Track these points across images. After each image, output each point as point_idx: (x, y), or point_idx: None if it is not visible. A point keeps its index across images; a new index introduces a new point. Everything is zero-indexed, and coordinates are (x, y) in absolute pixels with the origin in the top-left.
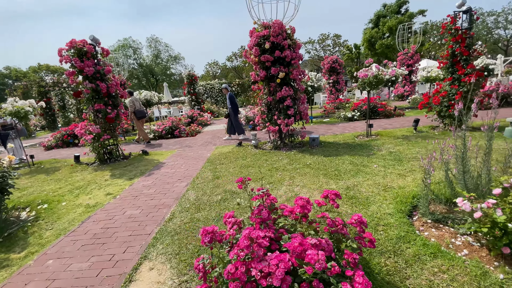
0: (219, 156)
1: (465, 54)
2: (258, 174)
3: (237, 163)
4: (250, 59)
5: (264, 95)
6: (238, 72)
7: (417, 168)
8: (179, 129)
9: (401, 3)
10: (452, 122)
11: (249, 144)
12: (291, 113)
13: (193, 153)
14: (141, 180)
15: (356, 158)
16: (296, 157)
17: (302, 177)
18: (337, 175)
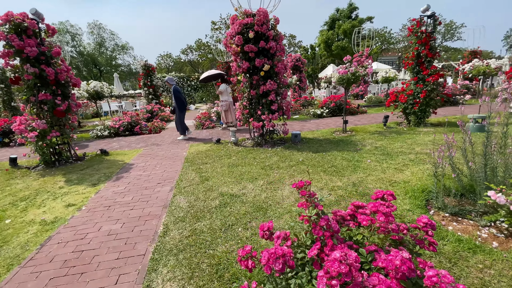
0: (198, 155)
1: (429, 56)
2: (252, 174)
3: (223, 162)
4: (232, 48)
5: (245, 88)
6: (194, 66)
7: (410, 162)
8: (140, 125)
9: (352, 9)
10: (416, 119)
11: (228, 141)
12: (274, 108)
13: (165, 152)
14: (109, 185)
15: (345, 153)
16: (284, 154)
17: (302, 175)
18: (337, 172)
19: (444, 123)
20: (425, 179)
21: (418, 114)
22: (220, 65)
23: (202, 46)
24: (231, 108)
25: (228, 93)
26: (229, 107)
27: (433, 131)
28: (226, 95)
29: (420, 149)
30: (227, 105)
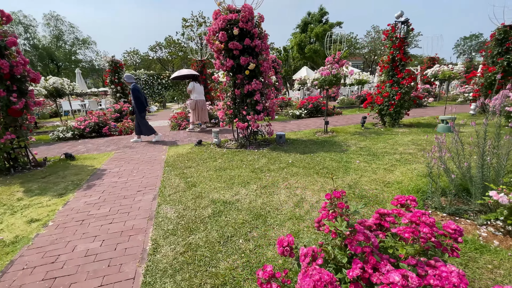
0: (179, 158)
1: (403, 60)
2: (242, 178)
3: (208, 166)
4: (215, 45)
5: (228, 87)
6: (164, 64)
7: (397, 162)
8: (109, 125)
9: (323, 13)
10: (391, 120)
11: (210, 143)
12: (260, 108)
13: (141, 156)
14: (80, 195)
15: (333, 154)
16: (272, 155)
17: (295, 178)
18: (329, 173)
19: (415, 124)
20: (415, 179)
21: (393, 115)
22: (194, 63)
23: (172, 44)
24: (202, 107)
25: (199, 91)
26: (198, 106)
27: (408, 131)
28: (195, 93)
29: (403, 149)
30: (193, 103)
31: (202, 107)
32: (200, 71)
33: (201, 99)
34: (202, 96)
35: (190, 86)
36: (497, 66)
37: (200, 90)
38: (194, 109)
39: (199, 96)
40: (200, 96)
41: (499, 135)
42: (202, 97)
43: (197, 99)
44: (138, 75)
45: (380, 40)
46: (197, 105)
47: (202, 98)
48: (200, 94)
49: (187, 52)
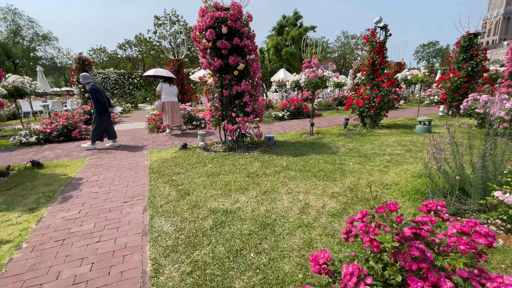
0: (164, 163)
1: (383, 64)
2: (239, 184)
3: (199, 171)
4: (202, 43)
5: (216, 88)
6: (135, 63)
7: (388, 163)
8: (79, 128)
9: (297, 17)
10: (371, 122)
11: (195, 146)
12: (249, 110)
13: (120, 162)
14: (56, 209)
15: (325, 157)
16: (264, 158)
17: (294, 182)
18: (328, 176)
19: (393, 125)
20: (411, 180)
21: (374, 117)
22: (170, 62)
23: (143, 42)
24: (172, 109)
25: (169, 93)
26: (166, 108)
27: (389, 132)
28: (164, 94)
29: (391, 150)
30: (160, 106)
31: (172, 109)
32: (177, 71)
33: (170, 101)
34: (172, 97)
35: (159, 87)
36: (462, 71)
37: (170, 91)
38: (162, 112)
39: (168, 97)
40: (170, 97)
41: (495, 136)
42: (172, 99)
43: (165, 101)
44: (107, 74)
45: (350, 45)
46: (166, 107)
47: (173, 100)
48: (170, 96)
49: (159, 51)
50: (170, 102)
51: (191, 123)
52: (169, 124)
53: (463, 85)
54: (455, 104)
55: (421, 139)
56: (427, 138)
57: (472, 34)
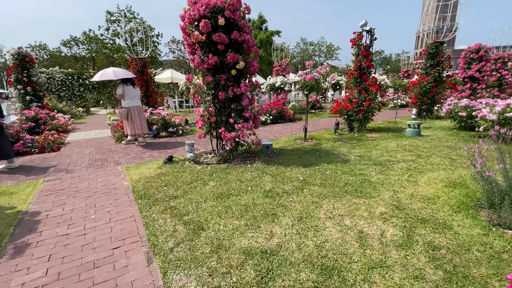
0: (151, 183)
1: (370, 68)
2: (262, 208)
3: (201, 192)
4: (193, 36)
5: (208, 90)
6: (84, 62)
7: (411, 172)
8: (23, 140)
9: (262, 21)
10: (359, 125)
11: (183, 159)
12: (248, 115)
13: (89, 184)
14: (7, 270)
15: (339, 166)
16: (272, 171)
17: (328, 202)
18: (360, 191)
19: (377, 128)
20: (447, 190)
21: (362, 120)
22: (133, 61)
23: (93, 40)
24: (139, 115)
25: (133, 96)
26: (132, 114)
27: (380, 136)
28: (128, 98)
29: (401, 157)
30: (124, 112)
31: (139, 115)
32: (140, 71)
33: (136, 106)
34: (137, 101)
35: (120, 89)
36: (430, 76)
37: (134, 94)
38: (127, 119)
39: (133, 101)
40: (135, 101)
41: None
42: (137, 103)
43: (131, 106)
44: (52, 74)
45: (308, 51)
46: (132, 113)
47: (138, 104)
48: (134, 99)
49: (114, 49)
50: (136, 107)
51: (166, 130)
52: (137, 133)
53: (431, 90)
54: (425, 107)
55: (420, 143)
56: (426, 142)
57: (439, 42)
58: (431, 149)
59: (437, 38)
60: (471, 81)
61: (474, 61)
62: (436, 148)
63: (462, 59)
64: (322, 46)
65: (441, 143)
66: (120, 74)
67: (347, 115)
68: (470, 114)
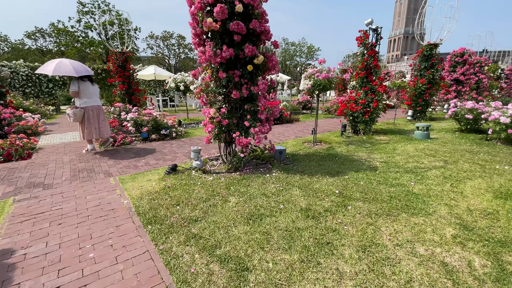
0: (157, 200)
1: (377, 68)
2: (308, 233)
3: (225, 212)
4: (205, 24)
5: (216, 88)
6: (52, 56)
7: (449, 181)
8: None
9: None
10: (365, 127)
11: (188, 168)
12: (263, 117)
13: (79, 203)
14: None
15: (369, 175)
16: (295, 181)
17: (384, 222)
18: (411, 207)
19: (380, 131)
20: (501, 203)
21: (369, 122)
22: (113, 55)
23: (63, 32)
24: (98, 117)
25: (92, 94)
26: (89, 116)
27: (390, 139)
28: (85, 97)
29: (428, 162)
30: (79, 114)
31: (98, 117)
32: (122, 66)
33: (95, 105)
34: (96, 100)
35: (74, 86)
36: (425, 78)
37: (93, 92)
38: (82, 121)
39: (91, 100)
40: (93, 100)
41: None
42: (96, 102)
43: (88, 106)
44: (15, 68)
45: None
46: (90, 114)
47: (97, 104)
48: (92, 98)
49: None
50: (95, 107)
51: (158, 133)
52: (95, 137)
53: (426, 91)
54: (419, 109)
55: (436, 147)
56: (441, 146)
57: (433, 44)
58: (452, 154)
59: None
60: (456, 83)
61: (458, 64)
62: (456, 153)
63: (448, 62)
64: (303, 46)
65: (457, 147)
66: (81, 71)
67: (352, 117)
68: (476, 117)
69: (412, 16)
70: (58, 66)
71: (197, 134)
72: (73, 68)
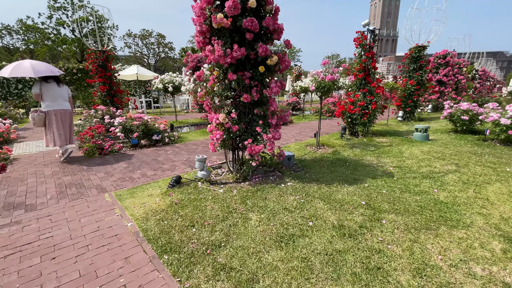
0: (169, 221)
1: (375, 69)
2: (356, 258)
3: (250, 234)
4: (215, 20)
5: (223, 91)
6: (20, 54)
7: (470, 186)
8: None
9: None
10: (363, 129)
11: (192, 179)
12: (274, 122)
13: (71, 229)
14: None
15: (388, 182)
16: (314, 192)
17: (424, 237)
18: (445, 218)
19: (376, 132)
20: None
21: (367, 124)
22: (92, 54)
23: (32, 29)
24: (62, 121)
25: (57, 97)
26: (57, 120)
27: (390, 141)
28: (48, 100)
29: (440, 166)
30: (41, 118)
31: (63, 122)
32: (102, 66)
33: (59, 109)
34: (62, 103)
35: (35, 88)
36: (414, 79)
37: (59, 94)
38: (44, 126)
39: (55, 104)
40: (58, 103)
41: None
42: (61, 106)
43: (51, 110)
44: None
45: None
46: (53, 119)
47: (63, 107)
48: (58, 101)
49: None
50: (59, 111)
51: (148, 138)
52: (59, 145)
53: (415, 93)
54: (408, 109)
55: (441, 149)
56: (444, 148)
57: (421, 46)
58: (459, 156)
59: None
60: (439, 84)
61: (441, 66)
62: (462, 155)
63: (431, 63)
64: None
65: (460, 149)
66: (41, 71)
67: (350, 119)
68: (471, 118)
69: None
70: (16, 67)
71: (191, 138)
72: (32, 69)
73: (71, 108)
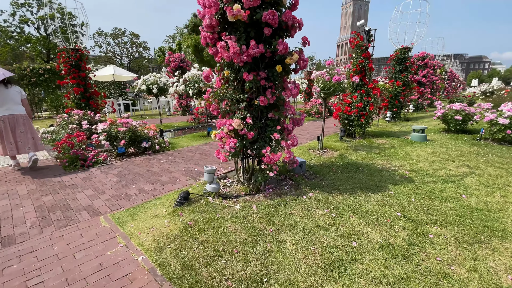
0: (188, 250)
1: (372, 70)
2: (414, 285)
3: (291, 262)
4: (229, 11)
5: (234, 93)
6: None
7: (491, 189)
8: None
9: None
10: (361, 131)
11: (200, 194)
12: (290, 127)
13: (65, 270)
14: None
15: (410, 187)
16: (340, 203)
17: (481, 253)
18: (489, 228)
19: (371, 134)
20: None
21: (364, 126)
22: (63, 53)
23: None
24: (16, 128)
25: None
26: (5, 128)
27: (389, 142)
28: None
29: (455, 169)
30: None
31: (13, 130)
32: (76, 65)
33: (7, 115)
34: (11, 107)
35: None
36: (400, 80)
37: (9, 98)
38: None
39: (2, 109)
40: (6, 109)
41: None
42: (11, 111)
43: (2, 115)
44: None
45: None
46: (4, 126)
47: (12, 112)
48: (6, 105)
49: (22, 40)
50: (7, 117)
51: (136, 146)
52: (10, 155)
53: (402, 93)
54: (395, 110)
55: (444, 150)
56: (446, 148)
57: (406, 48)
58: (465, 157)
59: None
60: (418, 85)
61: (420, 67)
62: (467, 156)
63: (414, 65)
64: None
65: (460, 149)
66: None
67: (347, 120)
68: (465, 118)
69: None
70: None
71: (183, 145)
72: None
73: (28, 111)
